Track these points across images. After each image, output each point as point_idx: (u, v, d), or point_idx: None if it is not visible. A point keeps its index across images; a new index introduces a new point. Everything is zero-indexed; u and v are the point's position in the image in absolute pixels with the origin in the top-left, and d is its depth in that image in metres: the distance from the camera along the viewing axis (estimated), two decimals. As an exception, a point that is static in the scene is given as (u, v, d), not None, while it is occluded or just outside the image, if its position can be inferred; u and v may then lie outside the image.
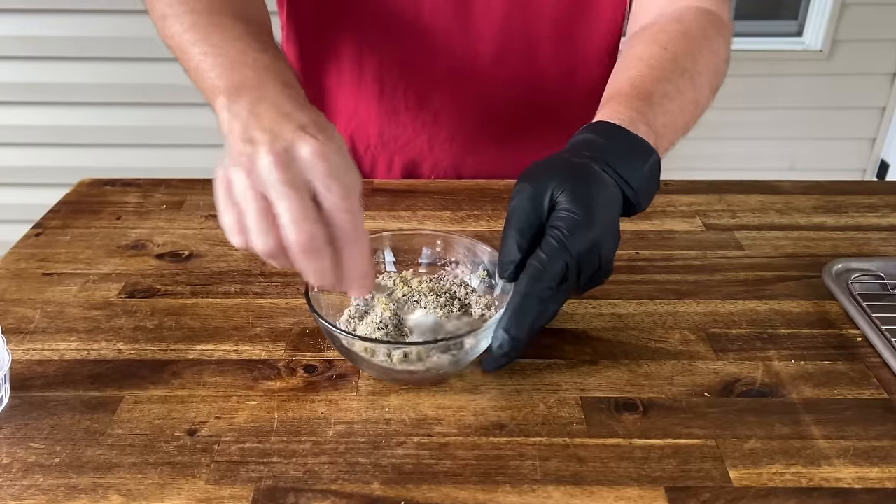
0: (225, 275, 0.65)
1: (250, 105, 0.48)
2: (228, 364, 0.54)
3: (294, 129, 0.45)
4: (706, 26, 0.66)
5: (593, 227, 0.47)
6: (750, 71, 2.27)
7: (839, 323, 0.59)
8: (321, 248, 0.43)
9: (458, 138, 0.85)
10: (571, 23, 0.78)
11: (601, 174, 0.50)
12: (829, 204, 0.78)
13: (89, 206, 0.77)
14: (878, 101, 2.36)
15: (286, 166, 0.43)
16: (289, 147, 0.43)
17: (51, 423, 0.48)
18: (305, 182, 0.43)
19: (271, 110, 0.47)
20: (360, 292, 0.47)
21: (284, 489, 0.43)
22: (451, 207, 0.77)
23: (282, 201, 0.42)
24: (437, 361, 0.49)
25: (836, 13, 2.22)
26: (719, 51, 0.66)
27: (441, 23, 0.78)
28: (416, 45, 0.79)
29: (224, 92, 0.50)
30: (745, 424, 0.48)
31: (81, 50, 2.11)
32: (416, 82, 0.82)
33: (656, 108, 0.56)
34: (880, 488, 0.44)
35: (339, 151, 0.45)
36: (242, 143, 0.44)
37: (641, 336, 0.57)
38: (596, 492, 0.43)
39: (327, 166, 0.43)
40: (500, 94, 0.83)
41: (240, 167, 0.43)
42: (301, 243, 0.42)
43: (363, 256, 0.45)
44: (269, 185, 0.42)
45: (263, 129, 0.45)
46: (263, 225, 0.43)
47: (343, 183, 0.44)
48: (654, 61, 0.61)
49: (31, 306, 0.60)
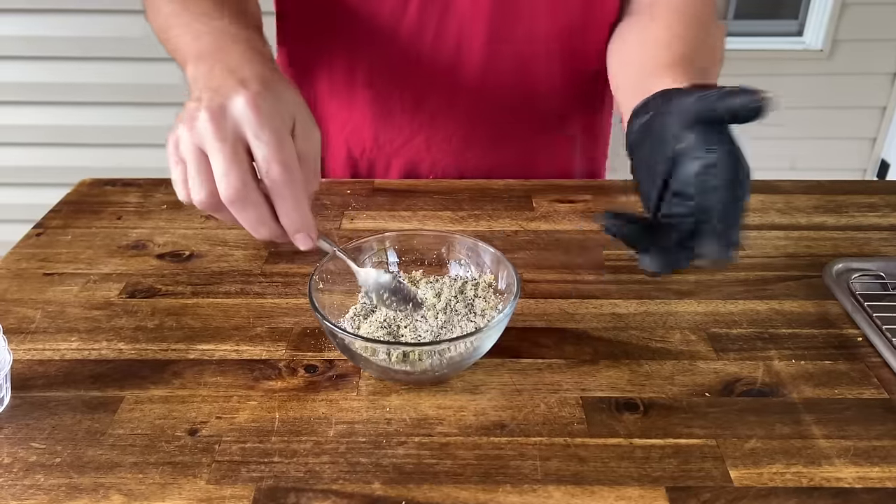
0: (225, 275, 0.65)
1: (207, 69, 0.49)
2: (229, 364, 0.54)
3: (234, 84, 0.46)
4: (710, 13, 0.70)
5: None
6: (750, 70, 2.27)
7: (840, 323, 0.59)
8: (252, 199, 0.44)
9: (456, 137, 0.85)
10: (569, 17, 0.78)
11: None
12: (829, 204, 0.78)
13: (90, 206, 0.77)
14: (878, 101, 2.36)
15: (218, 120, 0.44)
16: (223, 101, 0.45)
17: (52, 423, 0.48)
18: (236, 134, 0.44)
19: (223, 69, 0.48)
20: (304, 245, 0.47)
21: (285, 489, 0.43)
22: (451, 207, 0.77)
23: (213, 155, 0.43)
24: (437, 362, 0.49)
25: (836, 13, 2.21)
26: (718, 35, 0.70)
27: (429, 24, 0.78)
28: (406, 48, 0.79)
29: (190, 60, 0.52)
30: (746, 424, 0.48)
31: (82, 50, 2.11)
32: (410, 84, 0.82)
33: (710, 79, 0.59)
34: (881, 488, 0.44)
35: (274, 102, 0.45)
36: (192, 101, 0.46)
37: (642, 336, 0.57)
38: (597, 491, 0.43)
39: (258, 116, 0.44)
40: (496, 92, 0.82)
41: (183, 124, 0.45)
42: (228, 195, 0.44)
43: (296, 207, 0.45)
44: (203, 139, 0.44)
45: (209, 87, 0.46)
46: (199, 178, 0.44)
47: (274, 132, 0.44)
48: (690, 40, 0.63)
49: (32, 306, 0.60)
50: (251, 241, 0.70)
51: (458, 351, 0.49)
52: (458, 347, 0.49)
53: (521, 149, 0.87)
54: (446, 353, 0.49)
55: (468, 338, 0.49)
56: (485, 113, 0.84)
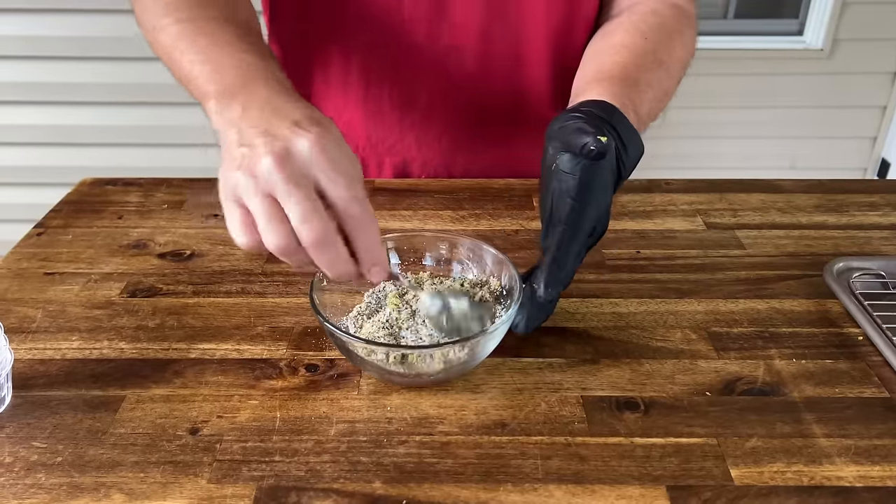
0: (226, 274, 0.65)
1: (241, 108, 0.48)
2: (230, 363, 0.54)
3: (288, 126, 0.45)
4: (680, 20, 0.70)
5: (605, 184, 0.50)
6: (751, 70, 2.27)
7: (840, 322, 0.59)
8: (333, 240, 0.44)
9: (447, 137, 0.85)
10: (560, 18, 0.78)
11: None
12: (830, 203, 0.78)
13: (91, 205, 0.77)
14: (878, 100, 2.36)
15: (286, 164, 0.43)
16: (286, 146, 0.44)
17: (53, 423, 0.48)
18: (307, 177, 0.44)
19: (262, 110, 0.47)
20: (378, 278, 0.47)
21: (286, 488, 0.44)
22: (451, 207, 0.77)
23: (288, 200, 0.43)
24: (435, 366, 0.49)
25: (836, 12, 2.21)
26: (688, 44, 0.70)
27: (422, 22, 0.77)
28: (399, 46, 0.79)
29: (213, 96, 0.51)
30: (747, 423, 0.48)
31: (83, 50, 2.11)
32: (401, 82, 0.82)
33: (642, 94, 0.59)
34: (881, 487, 0.44)
35: (336, 142, 0.45)
36: (240, 147, 0.45)
37: (643, 335, 0.57)
38: (597, 490, 0.43)
39: (327, 158, 0.44)
40: (487, 91, 0.82)
41: (241, 170, 0.44)
42: (314, 238, 0.43)
43: (375, 243, 0.46)
44: (273, 186, 0.43)
45: (258, 131, 0.45)
46: (274, 224, 0.43)
47: (345, 173, 0.44)
48: (637, 50, 0.64)
49: (33, 306, 0.60)
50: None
51: (457, 355, 0.49)
52: (457, 352, 0.49)
53: (510, 149, 0.87)
54: (445, 358, 0.49)
55: (466, 342, 0.48)
56: (475, 113, 0.84)
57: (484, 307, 0.54)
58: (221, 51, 0.55)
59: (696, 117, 2.29)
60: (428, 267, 0.60)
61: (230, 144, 0.46)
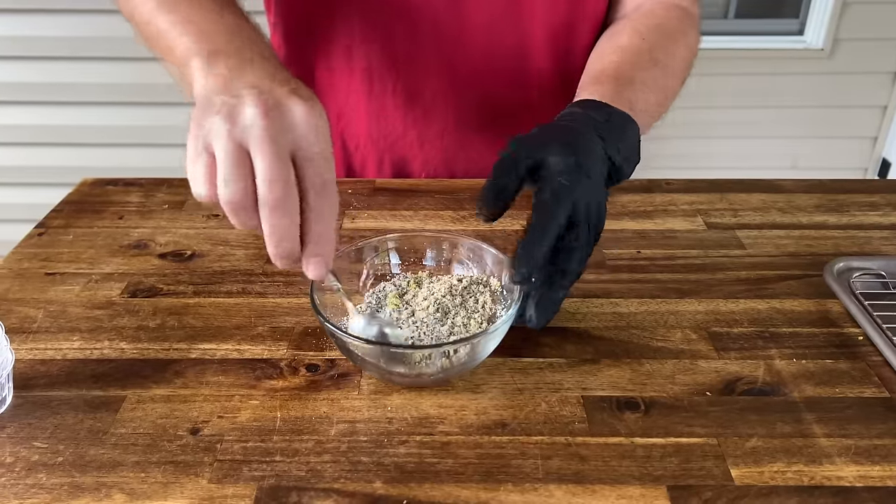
0: (227, 274, 0.65)
1: (236, 65, 0.45)
2: (231, 363, 0.54)
3: (287, 91, 0.43)
4: (682, 20, 0.71)
5: (591, 176, 0.50)
6: (751, 70, 2.27)
7: (840, 322, 0.59)
8: (290, 207, 0.41)
9: (449, 135, 0.85)
10: (562, 15, 0.78)
11: (588, 136, 0.52)
12: (830, 203, 0.78)
13: (91, 205, 0.77)
14: (879, 100, 2.36)
15: (272, 122, 0.41)
16: (279, 103, 0.42)
17: (54, 423, 0.48)
18: (289, 143, 0.42)
19: (257, 71, 0.45)
20: (314, 273, 0.44)
21: (287, 488, 0.44)
22: (452, 207, 0.77)
23: (261, 156, 0.40)
24: (435, 366, 0.49)
25: (837, 12, 2.21)
26: (691, 45, 0.71)
27: (430, 16, 0.77)
28: (405, 40, 0.79)
29: (198, 54, 0.47)
30: (747, 423, 0.48)
31: (84, 50, 2.11)
32: (405, 78, 0.82)
33: (637, 92, 0.59)
34: (882, 487, 0.44)
35: (326, 123, 0.44)
36: (222, 94, 0.42)
37: (643, 335, 0.57)
38: (598, 490, 0.43)
39: (315, 135, 0.42)
40: (491, 90, 0.82)
41: (219, 115, 0.41)
42: (274, 199, 0.41)
43: (329, 235, 0.44)
44: (250, 135, 0.41)
45: (249, 85, 0.43)
46: (236, 174, 0.41)
47: (326, 156, 0.43)
48: (633, 50, 0.65)
49: (33, 306, 0.60)
50: (253, 241, 0.70)
51: (457, 355, 0.49)
52: (457, 352, 0.49)
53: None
54: (445, 357, 0.49)
55: (466, 341, 0.48)
56: (477, 113, 0.84)
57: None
58: (206, 17, 0.52)
59: (697, 117, 2.29)
60: (428, 267, 0.60)
61: (210, 91, 0.43)
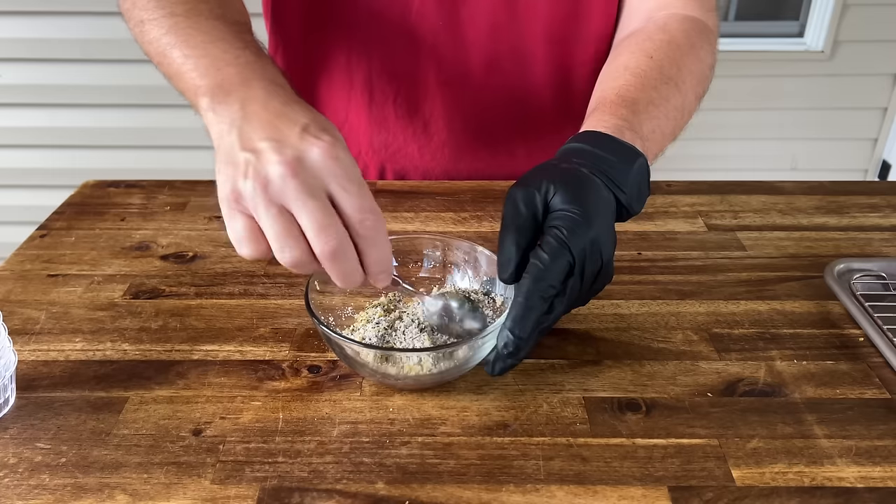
0: (229, 276, 0.65)
1: (240, 106, 0.46)
2: (233, 364, 0.54)
3: (298, 134, 0.44)
4: (692, 34, 0.67)
5: (592, 226, 0.47)
6: (751, 72, 2.27)
7: (841, 323, 0.59)
8: (349, 252, 0.43)
9: (449, 146, 0.85)
10: (562, 29, 0.78)
11: (592, 178, 0.50)
12: (830, 204, 0.78)
13: (93, 207, 0.77)
14: (879, 102, 2.36)
15: (298, 173, 0.42)
16: (298, 154, 0.43)
17: (57, 424, 0.49)
18: (322, 188, 0.43)
19: (265, 111, 0.46)
20: (384, 284, 0.47)
21: (289, 489, 0.44)
22: (453, 208, 0.77)
23: (304, 212, 0.42)
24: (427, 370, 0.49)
25: (837, 14, 2.21)
26: (704, 58, 0.67)
27: (429, 30, 0.77)
28: (406, 54, 0.79)
29: (207, 92, 0.49)
30: (748, 424, 0.49)
31: (85, 52, 2.11)
32: (406, 91, 0.82)
33: (641, 114, 0.57)
34: (883, 487, 0.44)
35: (345, 149, 0.45)
36: (243, 151, 0.44)
37: (644, 336, 0.57)
38: (599, 491, 0.44)
39: (340, 167, 0.43)
40: (491, 102, 0.83)
41: (248, 178, 0.43)
42: (330, 250, 0.42)
43: (386, 254, 0.45)
44: (285, 196, 0.42)
45: (263, 134, 0.44)
46: (290, 239, 0.42)
47: (358, 181, 0.43)
48: (640, 70, 0.62)
49: (36, 307, 0.61)
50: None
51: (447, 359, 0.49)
52: (446, 356, 0.49)
53: (513, 158, 0.87)
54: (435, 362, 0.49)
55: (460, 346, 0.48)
56: (478, 126, 0.84)
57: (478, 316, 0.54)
58: (216, 47, 0.53)
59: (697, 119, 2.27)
60: (423, 269, 0.60)
61: (230, 147, 0.45)
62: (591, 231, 0.47)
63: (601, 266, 0.49)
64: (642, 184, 0.53)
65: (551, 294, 0.47)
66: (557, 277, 0.47)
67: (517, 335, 0.47)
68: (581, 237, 0.47)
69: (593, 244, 0.48)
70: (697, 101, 0.66)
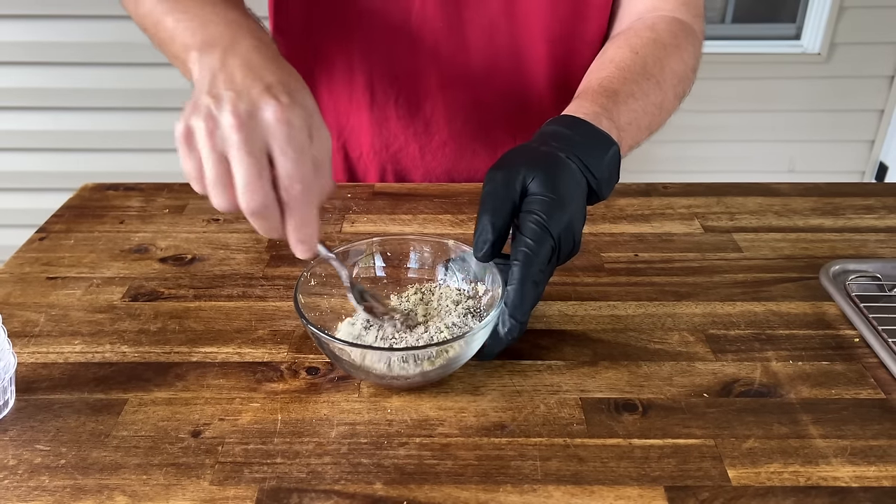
0: (227, 278, 0.65)
1: (221, 57, 0.48)
2: (232, 366, 0.54)
3: (260, 90, 0.45)
4: (678, 35, 0.70)
5: (567, 210, 0.50)
6: (748, 74, 2.27)
7: (836, 324, 0.59)
8: (270, 212, 0.45)
9: (450, 146, 0.86)
10: (562, 29, 0.79)
11: (568, 162, 0.52)
12: (826, 206, 0.78)
13: (92, 210, 0.78)
14: (876, 104, 2.36)
15: (246, 129, 0.44)
16: (251, 109, 0.44)
17: (56, 425, 0.49)
18: (263, 145, 0.44)
19: (241, 66, 0.48)
20: (302, 254, 0.48)
21: (288, 490, 0.44)
22: (451, 210, 0.77)
23: (238, 166, 0.44)
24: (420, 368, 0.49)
25: (834, 16, 2.22)
26: (688, 59, 0.70)
27: (430, 32, 0.78)
28: (407, 55, 0.80)
29: (195, 47, 0.51)
30: (744, 424, 0.49)
31: (84, 55, 2.12)
32: (407, 91, 0.82)
33: (620, 105, 0.59)
34: (877, 487, 0.44)
35: (302, 115, 0.46)
36: (208, 96, 0.45)
37: (641, 337, 0.58)
38: (596, 491, 0.44)
39: (287, 132, 0.44)
40: (492, 102, 0.83)
41: (202, 120, 0.44)
42: (251, 208, 0.44)
43: (306, 222, 0.46)
44: (228, 147, 0.44)
45: (229, 85, 0.46)
46: (220, 185, 0.44)
47: (299, 148, 0.44)
48: (625, 64, 0.64)
49: (35, 310, 0.61)
50: (253, 245, 0.70)
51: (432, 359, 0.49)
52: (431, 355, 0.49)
53: None
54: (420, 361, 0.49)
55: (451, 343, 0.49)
56: (479, 126, 0.85)
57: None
58: (205, 9, 0.55)
59: (694, 121, 2.29)
60: (412, 270, 0.60)
61: (199, 90, 0.46)
62: (566, 215, 0.50)
63: (573, 245, 0.52)
64: (613, 171, 0.56)
65: (541, 277, 0.50)
66: (544, 261, 0.50)
67: (519, 320, 0.50)
68: (558, 221, 0.50)
69: (568, 227, 0.51)
70: (678, 101, 0.68)
